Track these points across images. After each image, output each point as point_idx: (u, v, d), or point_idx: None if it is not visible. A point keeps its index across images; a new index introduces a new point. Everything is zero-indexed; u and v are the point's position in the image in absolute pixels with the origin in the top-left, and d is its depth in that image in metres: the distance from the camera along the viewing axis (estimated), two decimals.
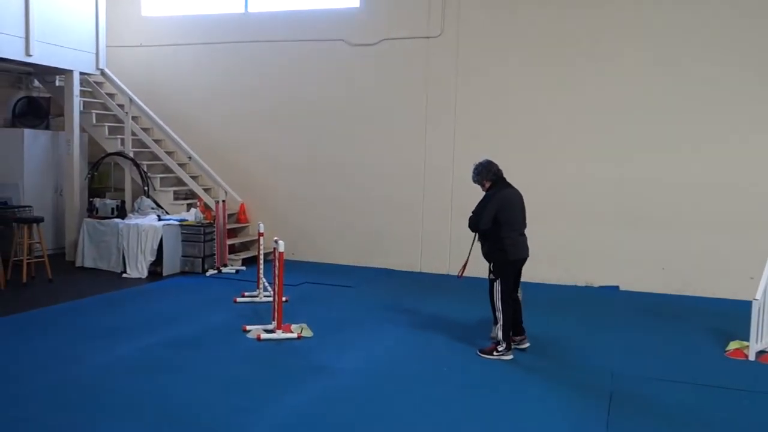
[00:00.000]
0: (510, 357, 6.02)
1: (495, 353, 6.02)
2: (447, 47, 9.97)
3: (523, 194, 9.02)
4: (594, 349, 6.41)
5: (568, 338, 6.79)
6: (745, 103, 8.75)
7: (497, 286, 6.09)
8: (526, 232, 6.31)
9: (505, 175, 6.37)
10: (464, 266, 6.40)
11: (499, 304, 6.09)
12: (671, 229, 9.06)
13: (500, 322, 6.07)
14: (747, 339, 6.26)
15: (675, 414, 4.83)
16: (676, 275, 9.07)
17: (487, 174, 6.24)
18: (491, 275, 6.15)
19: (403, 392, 5.15)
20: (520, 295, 6.41)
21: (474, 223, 6.12)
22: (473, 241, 6.32)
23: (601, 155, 9.36)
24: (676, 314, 7.95)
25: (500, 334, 6.07)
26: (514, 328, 6.20)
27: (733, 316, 7.53)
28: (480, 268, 6.42)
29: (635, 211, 9.22)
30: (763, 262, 6.38)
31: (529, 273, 9.52)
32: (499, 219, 6.00)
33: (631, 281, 9.27)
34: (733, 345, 6.47)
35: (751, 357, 6.15)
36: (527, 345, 6.29)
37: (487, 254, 6.16)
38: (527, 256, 6.23)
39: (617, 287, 9.32)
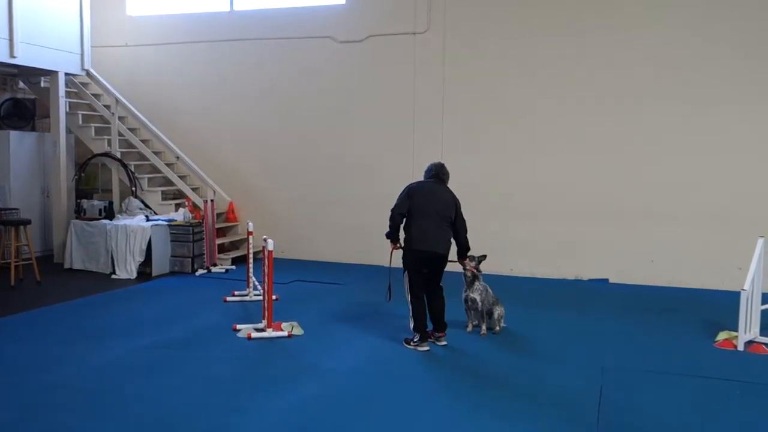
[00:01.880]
0: (426, 348, 6.06)
1: (412, 344, 6.11)
2: (433, 43, 9.97)
3: (512, 189, 9.05)
4: (584, 343, 6.43)
5: (558, 332, 6.81)
6: (732, 96, 8.80)
7: (405, 276, 6.19)
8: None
9: (448, 175, 6.43)
10: (389, 290, 6.50)
11: (407, 296, 6.20)
12: (659, 222, 9.11)
13: (410, 313, 6.17)
14: (736, 329, 6.30)
15: (666, 406, 4.86)
16: (665, 267, 9.12)
17: (427, 173, 6.40)
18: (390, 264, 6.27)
19: (394, 390, 5.15)
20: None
21: (392, 214, 6.18)
22: (390, 259, 6.45)
23: (589, 149, 9.39)
24: (666, 306, 7.99)
25: (411, 325, 6.15)
26: (436, 323, 6.26)
27: (722, 306, 7.59)
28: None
29: (623, 204, 9.26)
30: (751, 253, 6.42)
31: (518, 268, 9.71)
32: (411, 206, 6.08)
33: (621, 274, 9.31)
34: (722, 335, 6.51)
35: (740, 347, 6.19)
36: (445, 342, 6.25)
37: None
38: (437, 251, 6.07)
39: (606, 280, 9.37)
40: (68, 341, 6.27)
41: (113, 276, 9.40)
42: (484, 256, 6.67)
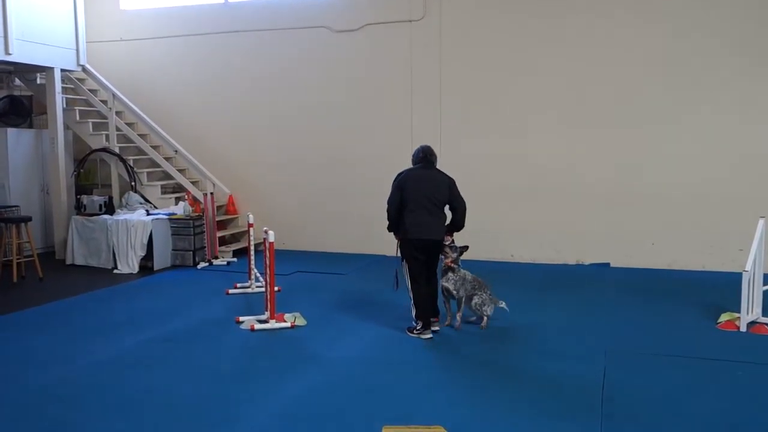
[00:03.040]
0: (429, 336, 6.09)
1: (415, 332, 6.13)
2: (430, 30, 9.93)
3: (512, 175, 8.95)
4: (586, 327, 6.44)
5: (560, 317, 6.82)
6: (733, 77, 8.76)
7: (404, 265, 6.24)
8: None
9: (438, 158, 6.39)
10: (396, 279, 6.53)
11: (408, 284, 6.25)
12: (660, 204, 9.10)
13: (412, 301, 6.20)
14: (738, 310, 6.31)
15: (669, 388, 4.87)
16: (666, 250, 9.12)
17: (415, 157, 6.34)
18: (398, 254, 6.31)
19: (398, 379, 5.16)
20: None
21: (387, 208, 6.22)
22: (396, 249, 6.39)
23: (589, 133, 9.36)
24: (667, 289, 8.00)
25: (414, 313, 6.18)
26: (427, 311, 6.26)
27: (724, 288, 7.60)
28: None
29: (624, 187, 9.24)
30: (752, 234, 6.41)
31: (519, 253, 9.72)
32: (404, 196, 6.09)
33: (622, 258, 9.32)
34: (724, 317, 6.52)
35: (743, 328, 6.20)
36: (438, 328, 6.28)
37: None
38: (433, 238, 6.10)
39: (608, 264, 9.37)
40: (72, 337, 6.29)
41: (115, 271, 9.41)
42: (466, 247, 6.48)
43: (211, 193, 10.22)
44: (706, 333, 6.22)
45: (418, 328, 6.13)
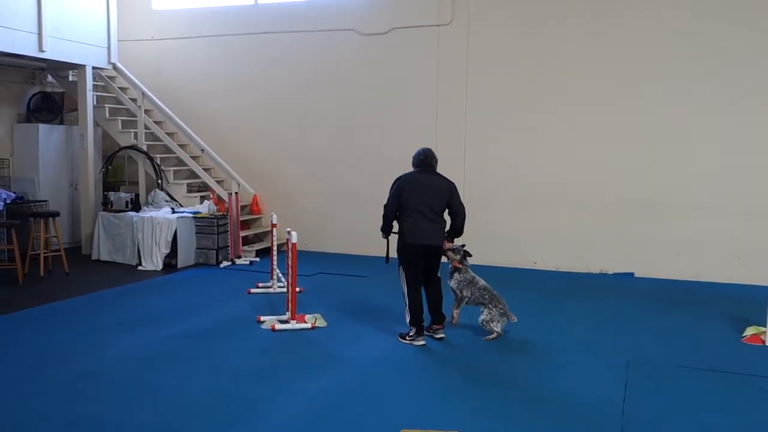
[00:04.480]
0: (421, 342, 6.01)
1: (407, 338, 6.07)
2: (457, 35, 9.91)
3: (536, 181, 8.93)
4: (608, 337, 6.38)
5: (583, 325, 6.76)
6: (761, 84, 8.63)
7: (401, 270, 6.18)
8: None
9: (438, 163, 6.37)
10: (387, 252, 6.44)
11: (403, 289, 6.17)
12: (686, 215, 8.99)
13: (406, 307, 6.16)
14: (764, 325, 6.21)
15: (692, 401, 4.81)
16: (691, 261, 9.00)
17: (414, 160, 6.31)
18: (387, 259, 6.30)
19: (417, 382, 5.17)
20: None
21: (384, 213, 6.22)
22: (387, 243, 6.38)
23: (615, 140, 9.27)
24: (692, 300, 7.89)
25: (407, 319, 6.14)
26: (434, 315, 6.23)
27: (750, 301, 7.48)
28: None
29: (649, 196, 9.14)
30: None
31: (543, 261, 9.66)
32: (402, 202, 6.06)
33: (646, 268, 9.21)
34: (749, 331, 6.41)
35: None
36: (443, 335, 6.21)
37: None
38: (431, 243, 6.04)
39: (632, 274, 9.27)
40: (95, 331, 6.37)
41: (139, 267, 9.52)
42: (463, 246, 6.40)
43: (236, 193, 10.30)
44: (731, 346, 6.12)
45: (410, 334, 6.07)
